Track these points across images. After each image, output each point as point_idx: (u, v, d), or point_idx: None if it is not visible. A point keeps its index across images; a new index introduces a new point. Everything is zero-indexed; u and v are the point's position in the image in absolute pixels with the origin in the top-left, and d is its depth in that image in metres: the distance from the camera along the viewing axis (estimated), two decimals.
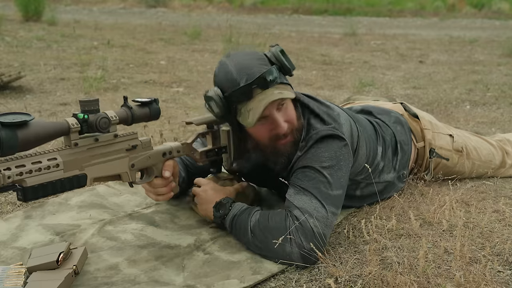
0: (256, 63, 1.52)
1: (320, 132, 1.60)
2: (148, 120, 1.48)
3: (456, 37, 8.65)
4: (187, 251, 1.57)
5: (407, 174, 2.05)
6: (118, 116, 1.39)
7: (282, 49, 1.57)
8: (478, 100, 4.01)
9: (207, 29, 8.50)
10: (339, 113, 1.69)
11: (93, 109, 1.33)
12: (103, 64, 4.86)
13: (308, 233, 1.46)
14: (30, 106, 3.40)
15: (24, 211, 1.79)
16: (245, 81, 1.49)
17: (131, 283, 1.39)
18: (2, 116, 1.18)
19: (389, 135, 1.96)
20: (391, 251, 1.53)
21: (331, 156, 1.57)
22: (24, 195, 1.23)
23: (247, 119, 1.52)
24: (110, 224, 1.71)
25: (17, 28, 7.44)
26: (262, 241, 1.51)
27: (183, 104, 3.68)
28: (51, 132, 1.26)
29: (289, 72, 1.58)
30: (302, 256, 1.46)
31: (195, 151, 1.68)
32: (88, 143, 1.35)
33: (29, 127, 1.20)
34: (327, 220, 1.50)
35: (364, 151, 1.75)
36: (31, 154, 1.25)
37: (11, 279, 1.34)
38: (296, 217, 1.49)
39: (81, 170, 1.34)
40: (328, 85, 4.61)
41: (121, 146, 1.44)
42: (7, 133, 1.16)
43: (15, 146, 1.18)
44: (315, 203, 1.51)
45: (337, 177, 1.56)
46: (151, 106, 1.47)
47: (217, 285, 1.39)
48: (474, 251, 1.54)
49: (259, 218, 1.54)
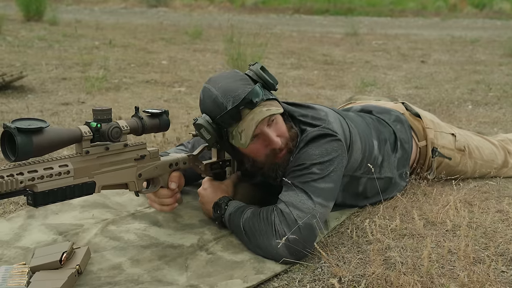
0: (239, 84, 1.53)
1: (310, 134, 1.61)
2: (158, 131, 1.51)
3: (458, 37, 8.64)
4: (190, 251, 1.57)
5: (409, 173, 2.05)
6: (129, 126, 1.41)
7: (262, 65, 1.58)
8: (480, 100, 4.01)
9: (208, 29, 8.50)
10: (327, 112, 1.70)
11: (106, 118, 1.35)
12: (105, 64, 4.86)
13: (291, 224, 1.48)
14: (31, 106, 3.40)
15: (27, 211, 1.79)
16: (231, 103, 1.49)
17: (134, 282, 1.39)
18: (18, 121, 1.20)
19: (388, 131, 1.97)
20: (395, 251, 1.52)
21: (321, 153, 1.58)
22: (34, 200, 1.24)
23: (239, 140, 1.52)
24: (113, 224, 1.71)
25: (19, 28, 7.44)
26: (251, 238, 1.54)
27: (185, 104, 3.68)
28: (64, 139, 1.28)
29: (272, 87, 1.58)
30: (288, 248, 1.47)
31: (200, 163, 1.69)
32: (99, 151, 1.37)
33: (44, 133, 1.22)
34: (313, 210, 1.51)
35: (359, 145, 1.75)
36: (43, 160, 1.26)
37: (14, 278, 1.34)
38: (281, 210, 1.51)
39: (90, 178, 1.35)
40: (329, 85, 4.61)
41: (130, 155, 1.45)
42: (23, 139, 1.18)
43: (30, 151, 1.20)
44: (301, 196, 1.53)
45: (327, 171, 1.57)
46: (161, 118, 1.49)
47: (220, 285, 1.39)
48: (478, 251, 1.53)
49: (249, 215, 1.56)
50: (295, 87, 4.47)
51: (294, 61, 5.98)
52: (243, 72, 1.60)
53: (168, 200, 1.62)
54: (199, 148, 1.69)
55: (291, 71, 5.33)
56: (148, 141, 2.67)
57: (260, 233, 1.52)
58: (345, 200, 1.83)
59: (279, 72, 5.16)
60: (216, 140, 1.56)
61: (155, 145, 2.62)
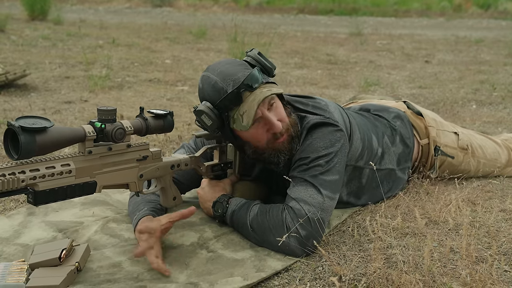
0: (238, 69, 1.52)
1: (311, 121, 1.61)
2: (161, 132, 1.49)
3: (462, 37, 8.61)
4: (190, 249, 1.56)
5: (412, 171, 2.04)
6: (133, 127, 1.40)
7: (259, 51, 1.57)
8: (484, 99, 3.99)
9: (213, 29, 8.50)
10: (327, 103, 1.71)
11: (110, 118, 1.34)
12: (108, 63, 4.86)
13: (304, 220, 1.49)
14: (34, 104, 3.40)
15: (27, 208, 1.78)
16: (232, 86, 1.48)
17: (134, 280, 1.38)
18: (23, 119, 1.19)
19: (383, 125, 1.97)
20: (396, 249, 1.51)
21: (326, 145, 1.59)
22: (35, 199, 1.23)
23: (241, 123, 1.50)
24: (113, 222, 1.70)
25: (23, 27, 7.46)
26: (261, 236, 1.55)
27: (187, 103, 3.67)
28: (68, 139, 1.27)
29: (270, 71, 1.58)
30: (300, 244, 1.49)
31: (201, 164, 1.68)
32: (102, 151, 1.36)
33: (47, 132, 1.21)
34: (323, 204, 1.53)
35: (358, 134, 1.76)
36: (45, 159, 1.26)
37: (13, 275, 1.34)
38: (291, 207, 1.52)
39: (92, 178, 1.34)
40: (333, 85, 4.59)
41: (132, 156, 1.44)
42: (26, 138, 1.17)
43: (33, 150, 1.19)
44: (311, 191, 1.54)
45: (333, 163, 1.58)
46: (166, 119, 1.47)
47: (220, 282, 1.38)
48: (481, 250, 1.52)
49: (257, 213, 1.56)
50: (298, 87, 4.45)
51: (298, 60, 5.97)
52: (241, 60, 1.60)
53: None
54: (201, 150, 1.68)
55: (294, 70, 5.32)
56: (150, 139, 2.66)
57: (271, 230, 1.52)
58: (350, 196, 1.82)
59: (283, 71, 5.15)
60: (218, 126, 1.54)
61: (157, 143, 2.61)
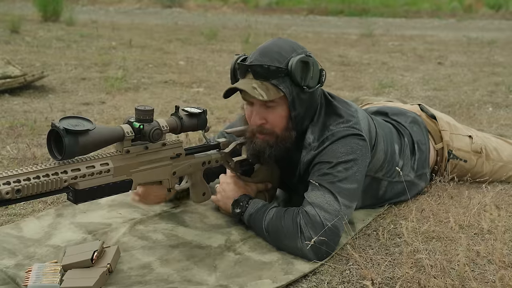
0: (274, 56, 1.54)
1: (337, 134, 1.61)
2: (195, 130, 1.52)
3: (474, 38, 8.56)
4: (218, 251, 1.57)
5: (429, 174, 2.04)
6: (168, 126, 1.43)
7: (305, 60, 1.53)
8: (500, 102, 3.98)
9: (223, 29, 8.51)
10: (357, 109, 1.71)
11: (148, 118, 1.37)
12: (123, 64, 4.89)
13: (318, 226, 1.49)
14: (53, 106, 3.43)
15: (55, 209, 1.81)
16: (249, 62, 1.57)
17: (165, 282, 1.40)
18: (66, 119, 1.23)
19: (407, 135, 1.97)
20: (423, 253, 1.52)
21: (347, 151, 1.59)
22: (75, 198, 1.28)
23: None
24: (140, 224, 1.72)
25: (36, 28, 7.51)
26: (275, 239, 1.57)
27: (204, 104, 3.69)
28: (107, 139, 1.31)
29: (298, 85, 1.54)
30: (313, 249, 1.49)
31: (231, 160, 1.70)
32: (139, 150, 1.39)
33: (89, 134, 1.25)
34: (338, 212, 1.52)
35: (382, 146, 1.76)
36: (86, 159, 1.29)
37: (48, 276, 1.36)
38: (307, 212, 1.53)
39: (128, 176, 1.38)
40: (347, 86, 4.60)
41: (167, 154, 1.48)
42: (70, 140, 1.21)
43: (76, 152, 1.24)
44: (328, 197, 1.54)
45: (352, 171, 1.58)
46: (200, 117, 1.50)
47: (250, 285, 1.39)
48: (508, 255, 1.52)
49: (272, 217, 1.57)
50: None
51: None
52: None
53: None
54: (231, 146, 1.70)
55: None
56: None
57: (285, 235, 1.53)
58: (365, 202, 1.83)
59: None
60: None
61: None
